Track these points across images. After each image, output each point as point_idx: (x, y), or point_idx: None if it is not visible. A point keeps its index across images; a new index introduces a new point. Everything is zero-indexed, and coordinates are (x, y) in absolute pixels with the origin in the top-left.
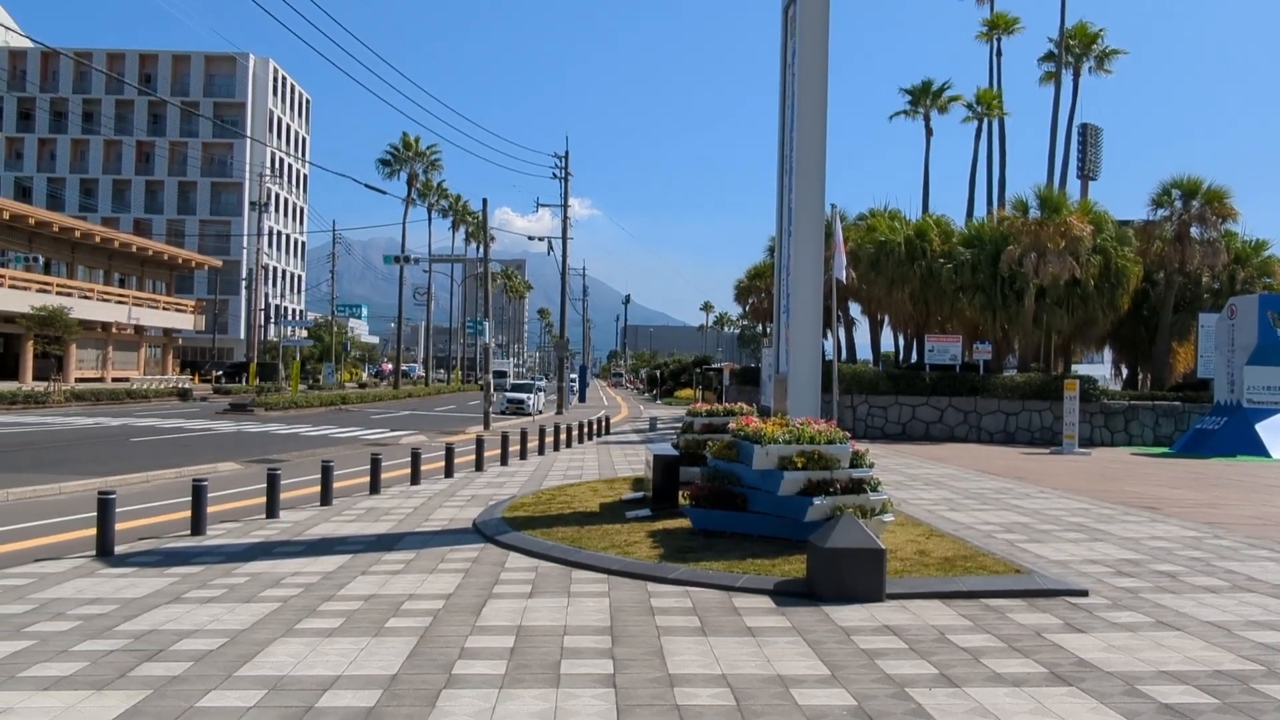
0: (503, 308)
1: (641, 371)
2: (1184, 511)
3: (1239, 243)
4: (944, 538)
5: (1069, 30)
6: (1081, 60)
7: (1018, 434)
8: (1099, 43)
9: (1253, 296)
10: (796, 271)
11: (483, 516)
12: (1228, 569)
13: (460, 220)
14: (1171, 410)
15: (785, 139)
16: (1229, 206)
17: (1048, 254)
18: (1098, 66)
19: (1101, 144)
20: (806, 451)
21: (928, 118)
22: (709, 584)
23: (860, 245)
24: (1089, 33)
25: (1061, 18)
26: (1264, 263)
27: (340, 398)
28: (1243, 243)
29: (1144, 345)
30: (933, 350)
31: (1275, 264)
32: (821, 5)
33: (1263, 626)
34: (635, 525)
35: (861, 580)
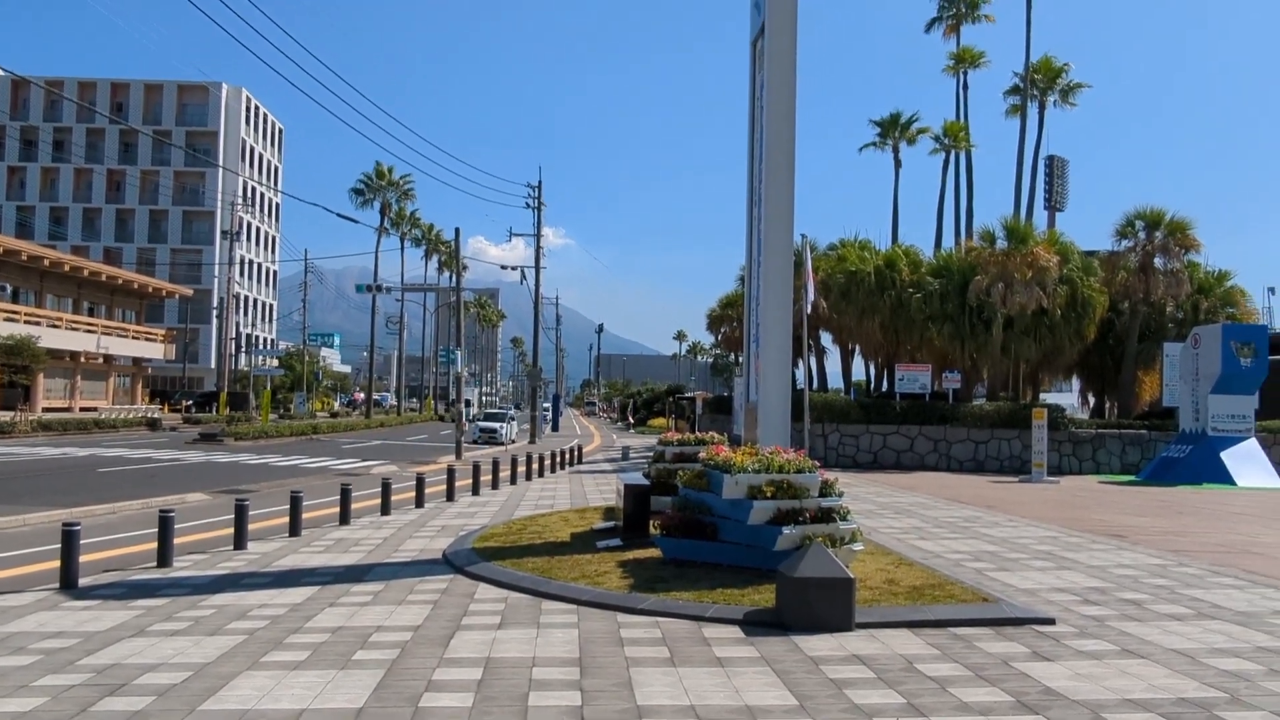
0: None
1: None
2: (1150, 539)
3: (1202, 273)
4: (913, 566)
5: (1034, 64)
6: (1047, 94)
7: (987, 462)
8: (1064, 76)
9: (1216, 326)
10: (766, 302)
11: (453, 547)
12: (1192, 597)
13: (433, 249)
14: (1138, 438)
15: (754, 170)
16: (1191, 238)
17: (1015, 284)
18: (1063, 100)
19: (1068, 175)
20: (776, 480)
21: (896, 149)
22: (679, 614)
23: (831, 275)
24: (1054, 67)
25: (1027, 52)
26: (1226, 293)
27: (311, 427)
28: (1205, 273)
29: (1110, 374)
30: (903, 379)
31: (1237, 294)
32: (789, 39)
33: (1226, 654)
34: (606, 555)
35: (830, 610)
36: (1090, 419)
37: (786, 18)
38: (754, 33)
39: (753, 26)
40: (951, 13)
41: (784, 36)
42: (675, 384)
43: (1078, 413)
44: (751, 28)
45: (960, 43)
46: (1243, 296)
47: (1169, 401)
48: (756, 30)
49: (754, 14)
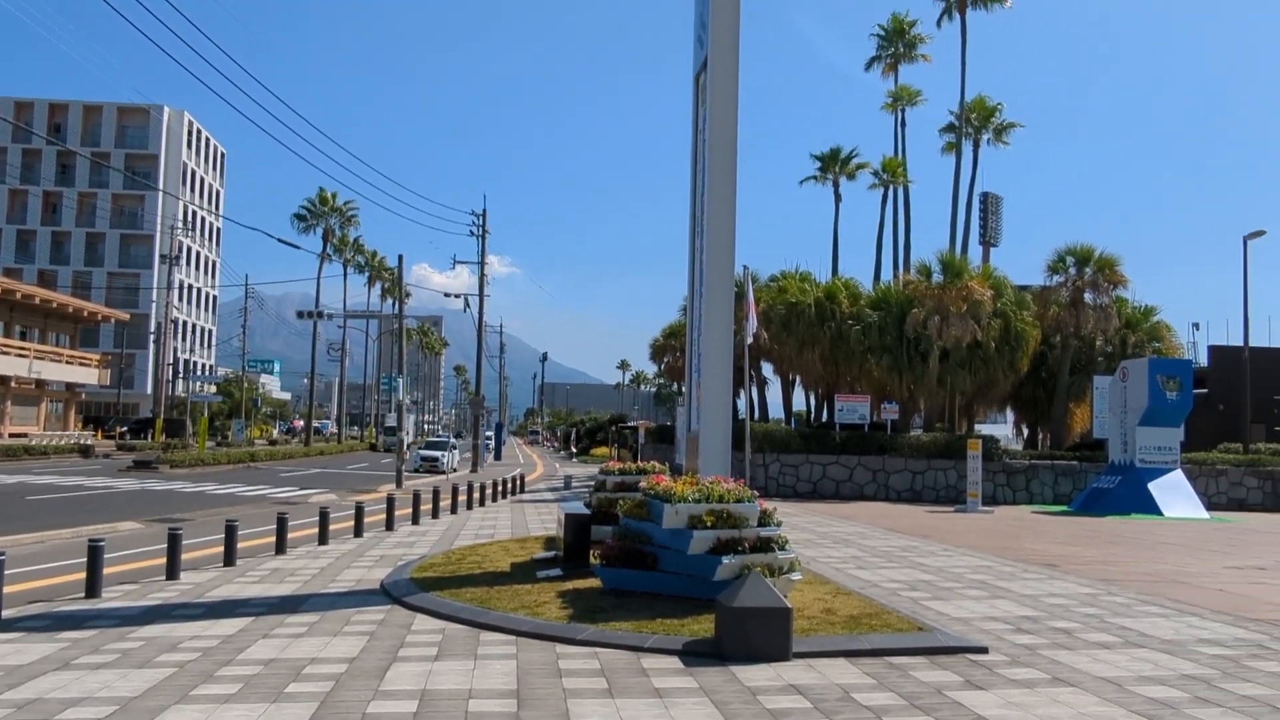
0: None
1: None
2: (1081, 569)
3: (1129, 308)
4: (850, 596)
5: (968, 104)
6: (981, 132)
7: (924, 492)
8: (996, 116)
9: (1143, 360)
10: (707, 332)
11: (391, 577)
12: (1121, 625)
13: (376, 276)
14: (1069, 469)
15: (696, 202)
16: (1119, 274)
17: (951, 317)
18: (996, 138)
19: (1001, 212)
20: (716, 510)
21: (837, 184)
22: (618, 645)
23: (772, 306)
24: (987, 106)
25: (961, 92)
26: (1153, 328)
27: (249, 455)
28: (1133, 308)
29: (1043, 406)
30: (842, 410)
31: (1163, 329)
32: (731, 74)
33: (1153, 682)
34: (546, 585)
35: (768, 639)
36: (1024, 450)
37: (729, 53)
38: (697, 67)
39: (695, 61)
40: (890, 52)
41: (726, 71)
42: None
43: (1012, 444)
44: (694, 62)
45: (898, 81)
46: (1168, 331)
47: (1099, 433)
48: (699, 65)
49: (697, 49)
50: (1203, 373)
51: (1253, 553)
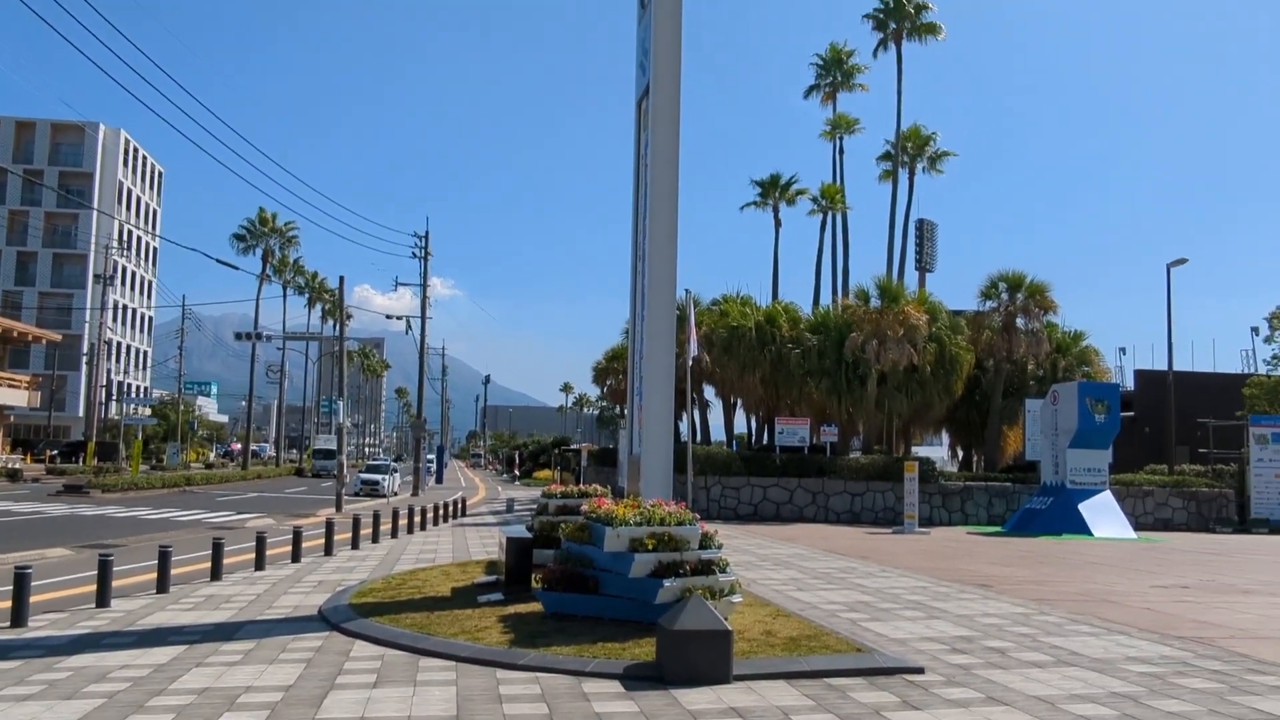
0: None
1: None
2: (1014, 589)
3: (1060, 333)
4: (790, 618)
5: (904, 133)
6: (916, 160)
7: (863, 514)
8: (931, 145)
9: (1073, 384)
10: (649, 355)
11: (329, 603)
12: (1053, 644)
13: (317, 297)
14: (1003, 491)
15: (639, 226)
16: (1049, 299)
17: (888, 341)
18: (931, 167)
19: (937, 238)
20: (657, 533)
21: (777, 209)
22: (559, 669)
23: (714, 330)
24: (922, 135)
25: (898, 121)
26: (1082, 352)
27: (185, 479)
28: (1063, 333)
29: (977, 428)
30: (783, 432)
31: (1092, 354)
32: (673, 100)
33: (1083, 700)
34: (487, 610)
35: (709, 662)
36: (959, 472)
37: (670, 79)
38: (639, 92)
39: (638, 86)
40: (829, 81)
41: (668, 97)
42: (561, 436)
43: (947, 466)
44: (637, 87)
45: (837, 110)
46: (1097, 356)
47: (1031, 455)
48: (642, 90)
49: (639, 74)
50: (1130, 396)
51: (1178, 572)
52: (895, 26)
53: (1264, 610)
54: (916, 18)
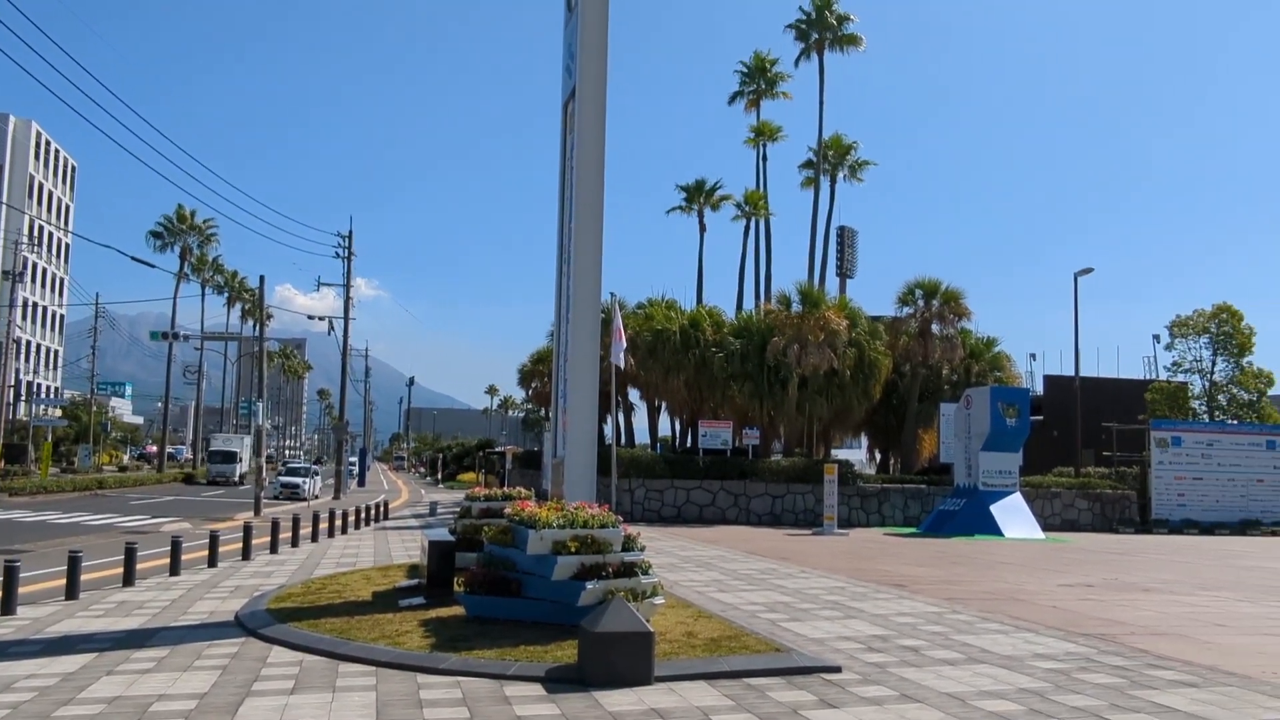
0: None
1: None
2: (928, 588)
3: (973, 339)
4: (711, 619)
5: (826, 142)
6: (837, 168)
7: (784, 516)
8: (852, 154)
9: (985, 389)
10: (574, 358)
11: (246, 609)
12: (964, 642)
13: (236, 297)
14: (918, 493)
15: (564, 229)
16: (963, 306)
17: (809, 346)
18: (851, 175)
19: (857, 245)
20: (580, 536)
21: (702, 214)
22: (481, 673)
23: (639, 333)
24: (843, 144)
25: (819, 130)
26: (994, 358)
27: (97, 482)
28: (976, 339)
29: (894, 432)
30: (706, 435)
31: (1004, 359)
32: (599, 103)
33: (993, 696)
34: (408, 614)
35: (631, 664)
36: (877, 474)
37: (597, 82)
38: (565, 95)
39: (564, 89)
40: (752, 89)
41: (594, 100)
42: (486, 438)
43: (866, 468)
44: (563, 90)
45: (760, 117)
46: (1008, 361)
47: (945, 458)
48: (568, 93)
49: (565, 77)
50: (1039, 400)
51: (1083, 571)
52: (817, 37)
53: (1163, 607)
54: (838, 29)
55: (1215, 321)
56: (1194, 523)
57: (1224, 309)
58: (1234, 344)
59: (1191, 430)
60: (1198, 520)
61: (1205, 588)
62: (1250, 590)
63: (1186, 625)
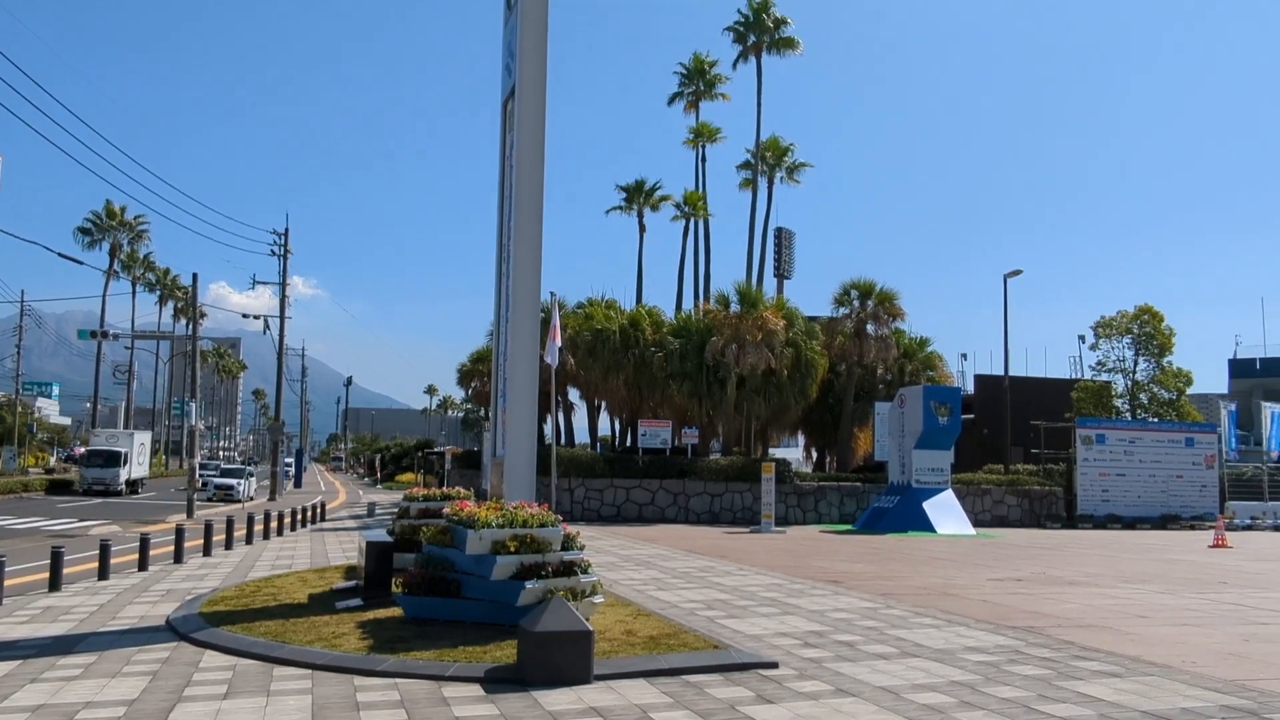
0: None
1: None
2: (863, 584)
3: (907, 339)
4: (650, 617)
5: (764, 144)
6: (775, 170)
7: (722, 514)
8: (790, 156)
9: (918, 388)
10: (513, 358)
11: (178, 613)
12: (897, 637)
13: (169, 295)
14: (854, 490)
15: (504, 228)
16: (897, 307)
17: (747, 346)
18: (789, 177)
19: (795, 246)
20: (519, 535)
21: (641, 214)
22: (419, 674)
23: (579, 333)
24: (780, 146)
25: (757, 132)
26: (927, 357)
27: (22, 484)
28: (910, 339)
29: (830, 430)
30: (645, 434)
31: (936, 359)
32: (538, 102)
33: (925, 689)
34: (345, 616)
35: (570, 663)
36: (813, 472)
37: (536, 81)
38: (505, 94)
39: (504, 88)
40: (691, 90)
41: (534, 99)
42: (425, 439)
43: (803, 466)
44: (503, 89)
45: (699, 118)
46: (940, 361)
47: (880, 456)
48: (508, 92)
49: (505, 76)
50: (970, 399)
51: (1012, 565)
52: (755, 40)
53: (1088, 600)
54: (775, 32)
55: (1137, 323)
56: (1117, 518)
57: (1146, 310)
58: (1155, 344)
59: (1115, 428)
60: (1121, 515)
61: (1128, 580)
62: (1171, 583)
63: (1110, 617)
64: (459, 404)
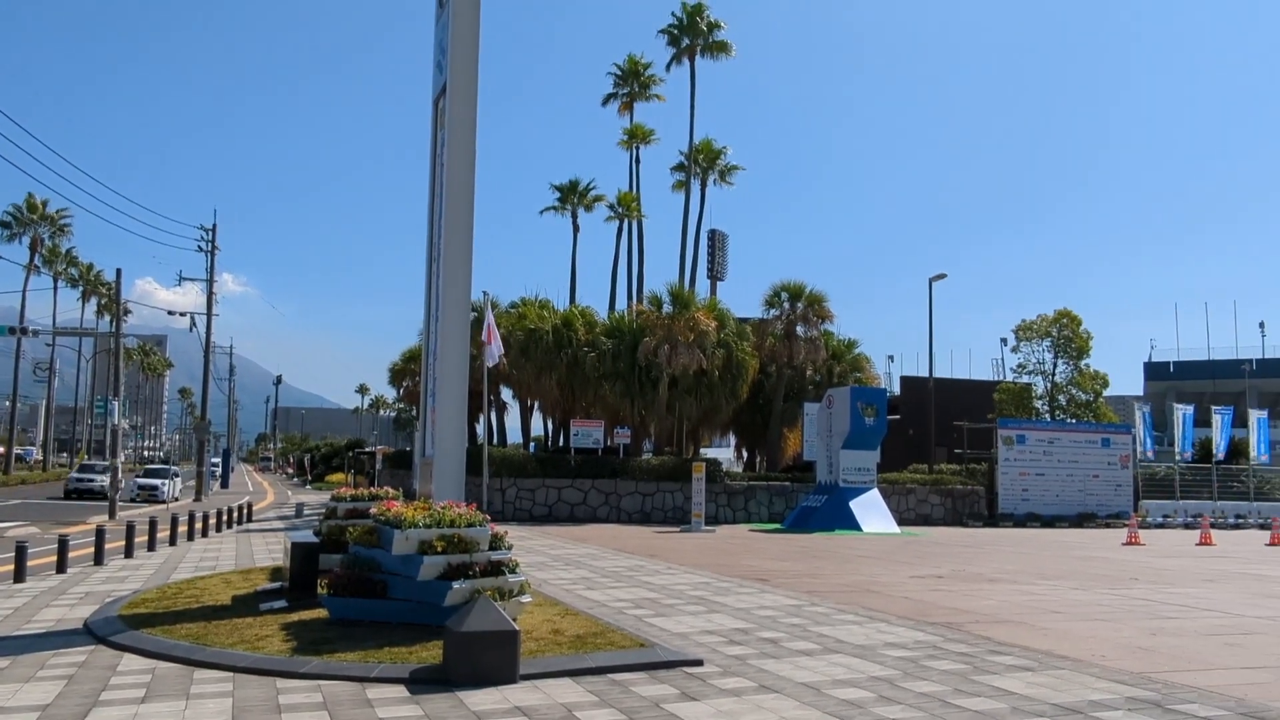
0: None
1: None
2: (789, 582)
3: (835, 341)
4: (578, 616)
5: (697, 146)
6: (708, 172)
7: (653, 514)
8: (722, 158)
9: (846, 389)
10: (443, 357)
11: (97, 615)
12: (820, 633)
13: (92, 291)
14: (783, 490)
15: (434, 227)
16: (826, 309)
17: (679, 346)
18: (721, 179)
19: (728, 248)
20: (447, 535)
21: (575, 215)
22: (343, 676)
23: (512, 332)
24: (713, 149)
25: (691, 134)
26: (855, 359)
27: None
28: (838, 341)
29: (760, 431)
30: (578, 434)
31: (864, 361)
32: (470, 100)
33: (846, 684)
34: (269, 618)
35: (496, 662)
36: (743, 472)
37: (468, 79)
38: (436, 91)
39: (435, 85)
40: (626, 91)
41: (465, 98)
42: (356, 438)
43: (733, 466)
44: (434, 86)
45: (634, 119)
46: (867, 363)
47: (809, 456)
48: (439, 89)
49: (436, 73)
50: (896, 400)
51: (933, 563)
52: (689, 43)
53: (1005, 596)
54: (709, 35)
55: (1057, 326)
56: (1036, 516)
57: (1064, 314)
58: (1073, 347)
59: (1035, 429)
60: (1040, 514)
61: (1044, 577)
62: (1084, 579)
63: (1026, 613)
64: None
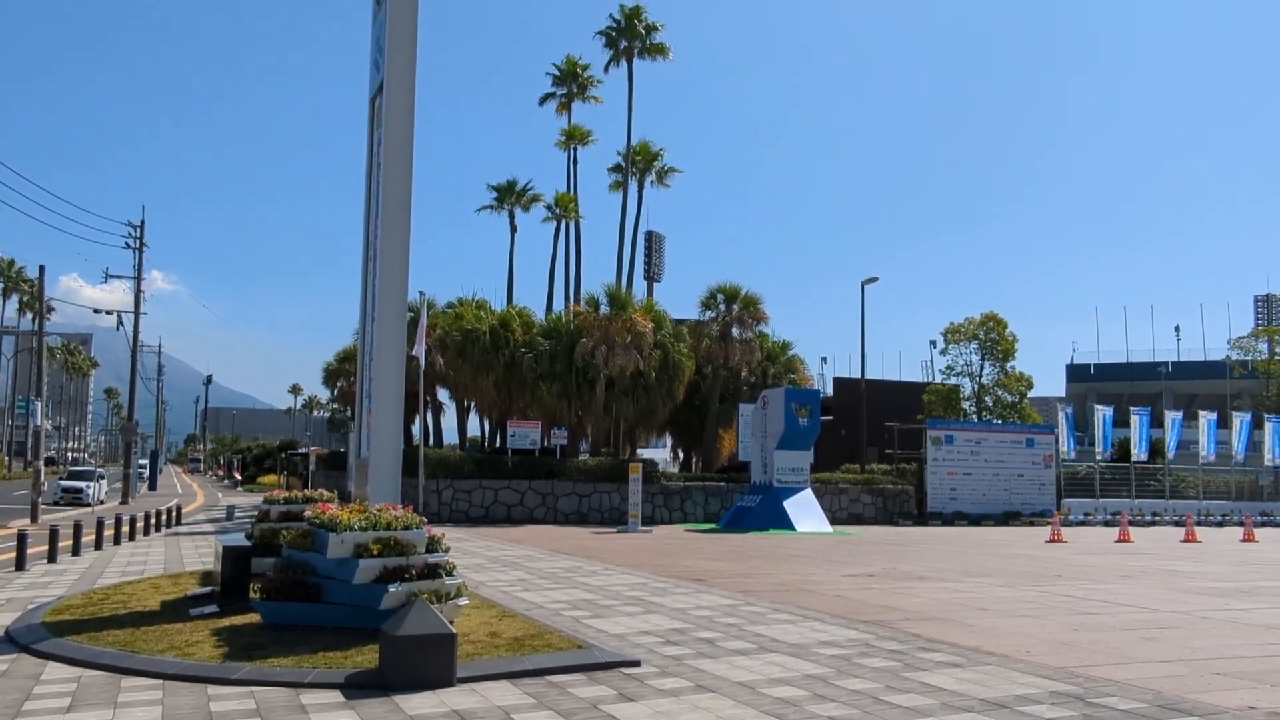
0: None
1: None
2: (724, 582)
3: (770, 342)
4: (516, 618)
5: (634, 147)
6: (645, 174)
7: (590, 514)
8: (659, 160)
9: (780, 390)
10: (379, 358)
11: (19, 623)
12: (756, 632)
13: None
14: (718, 490)
15: (370, 226)
16: (761, 311)
17: (616, 347)
18: (659, 181)
19: (665, 249)
20: (383, 538)
21: (513, 215)
22: (276, 682)
23: (448, 332)
24: (651, 151)
25: (628, 136)
26: (789, 360)
27: None
28: (773, 343)
29: (696, 431)
30: (514, 435)
31: (798, 362)
32: (407, 98)
33: (780, 683)
34: (200, 623)
35: (433, 666)
36: (680, 473)
37: (406, 77)
38: (373, 90)
39: (372, 83)
40: (564, 92)
41: (403, 95)
42: (289, 439)
43: (669, 467)
44: (371, 84)
45: (572, 120)
46: (801, 364)
47: (744, 456)
48: (376, 88)
49: (374, 71)
50: (829, 401)
51: (865, 562)
52: (626, 45)
53: (934, 594)
54: (646, 38)
55: (984, 329)
56: (964, 515)
57: (991, 318)
58: (999, 350)
59: (962, 429)
60: (967, 512)
61: (971, 574)
62: (1010, 576)
63: (954, 610)
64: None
